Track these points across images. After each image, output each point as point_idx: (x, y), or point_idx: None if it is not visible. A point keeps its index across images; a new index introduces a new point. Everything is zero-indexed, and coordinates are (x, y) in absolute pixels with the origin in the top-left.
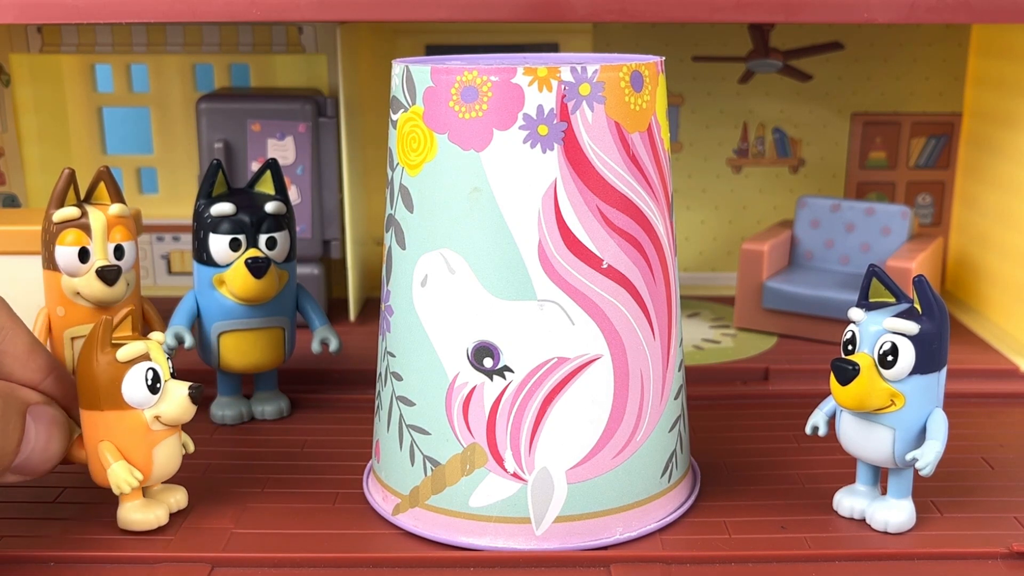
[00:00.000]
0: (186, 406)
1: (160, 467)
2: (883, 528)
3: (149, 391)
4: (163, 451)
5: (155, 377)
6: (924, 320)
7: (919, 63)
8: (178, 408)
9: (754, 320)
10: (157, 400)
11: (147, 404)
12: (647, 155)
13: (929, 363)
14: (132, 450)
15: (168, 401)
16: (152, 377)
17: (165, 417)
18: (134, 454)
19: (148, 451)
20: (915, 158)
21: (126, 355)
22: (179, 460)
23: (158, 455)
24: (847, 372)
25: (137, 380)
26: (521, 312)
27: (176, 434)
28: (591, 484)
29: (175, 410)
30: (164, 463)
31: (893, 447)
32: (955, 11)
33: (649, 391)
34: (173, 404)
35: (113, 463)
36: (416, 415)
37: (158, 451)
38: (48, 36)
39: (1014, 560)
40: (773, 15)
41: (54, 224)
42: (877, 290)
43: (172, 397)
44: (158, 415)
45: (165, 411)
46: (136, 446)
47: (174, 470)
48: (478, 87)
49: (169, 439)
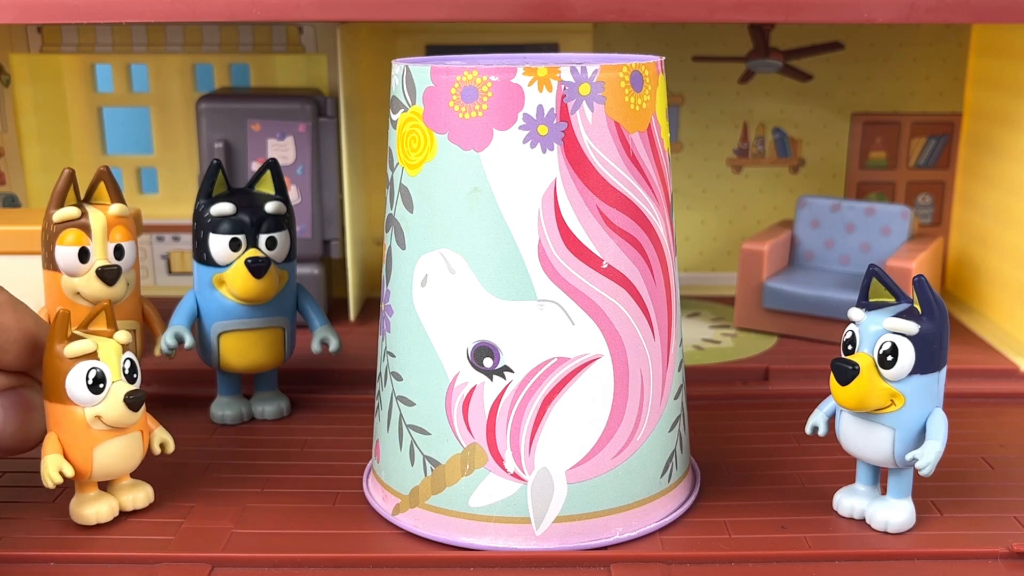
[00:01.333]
0: (123, 411)
1: (102, 467)
2: (883, 528)
3: (90, 390)
4: (107, 451)
5: (98, 377)
6: (924, 320)
7: (919, 63)
8: (116, 412)
9: (754, 320)
10: (100, 400)
11: (89, 403)
12: (647, 155)
13: (929, 363)
14: (72, 446)
15: (109, 403)
16: (95, 377)
17: (106, 418)
18: (73, 450)
19: (88, 449)
20: (915, 158)
21: (72, 351)
22: (132, 461)
23: (100, 455)
24: (847, 372)
25: (79, 378)
26: (521, 312)
27: (131, 435)
28: (591, 484)
29: (113, 413)
30: (107, 463)
31: (893, 447)
32: (955, 11)
33: (649, 391)
34: (112, 407)
35: (46, 455)
36: (416, 415)
37: (100, 451)
38: (48, 36)
39: (1014, 560)
40: (773, 15)
41: (54, 224)
42: (877, 290)
43: (114, 400)
44: (99, 415)
45: (105, 413)
46: (76, 443)
47: (125, 470)
48: (478, 87)
49: (116, 440)
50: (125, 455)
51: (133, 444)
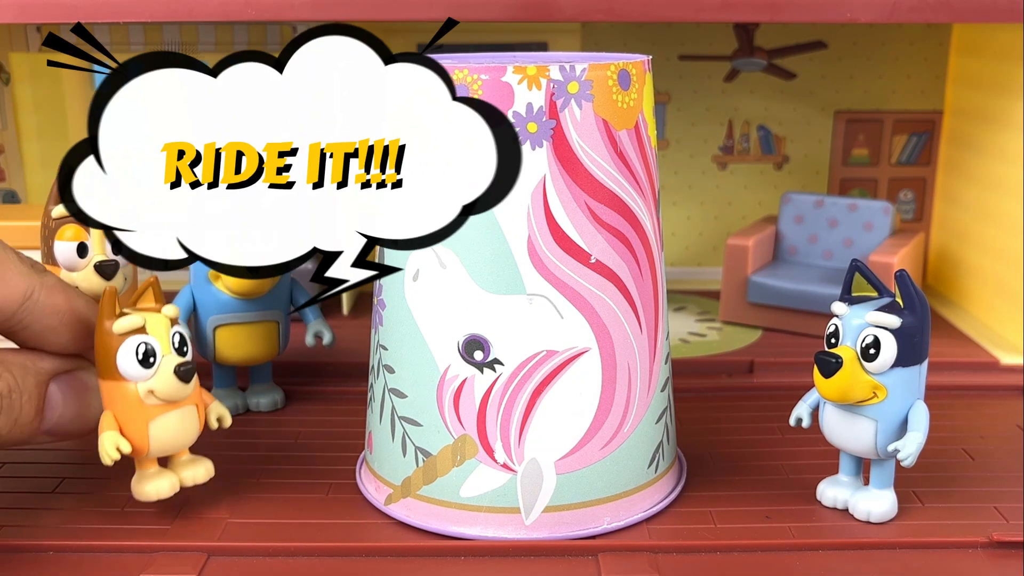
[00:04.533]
0: (174, 384)
1: (159, 441)
2: (865, 517)
3: (141, 365)
4: (163, 425)
5: (148, 351)
6: (906, 314)
7: (901, 62)
8: (168, 385)
9: (739, 314)
10: (151, 375)
11: (140, 378)
12: (634, 152)
13: (911, 356)
14: (128, 422)
15: (160, 377)
16: (145, 351)
17: (158, 392)
18: (130, 427)
19: (144, 424)
20: (897, 155)
21: (120, 327)
22: (188, 435)
23: (155, 429)
24: (830, 365)
25: (129, 354)
26: (511, 306)
27: (186, 408)
28: (579, 475)
29: (165, 387)
30: (164, 438)
31: (875, 438)
32: (936, 11)
33: (636, 383)
34: (164, 381)
35: (102, 432)
36: (408, 407)
37: (155, 425)
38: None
39: (994, 549)
40: (758, 15)
41: (53, 220)
42: (860, 285)
43: (164, 373)
44: (151, 389)
45: (157, 387)
46: (132, 419)
47: (182, 445)
48: (468, 85)
49: (171, 414)
50: (181, 429)
51: (189, 418)
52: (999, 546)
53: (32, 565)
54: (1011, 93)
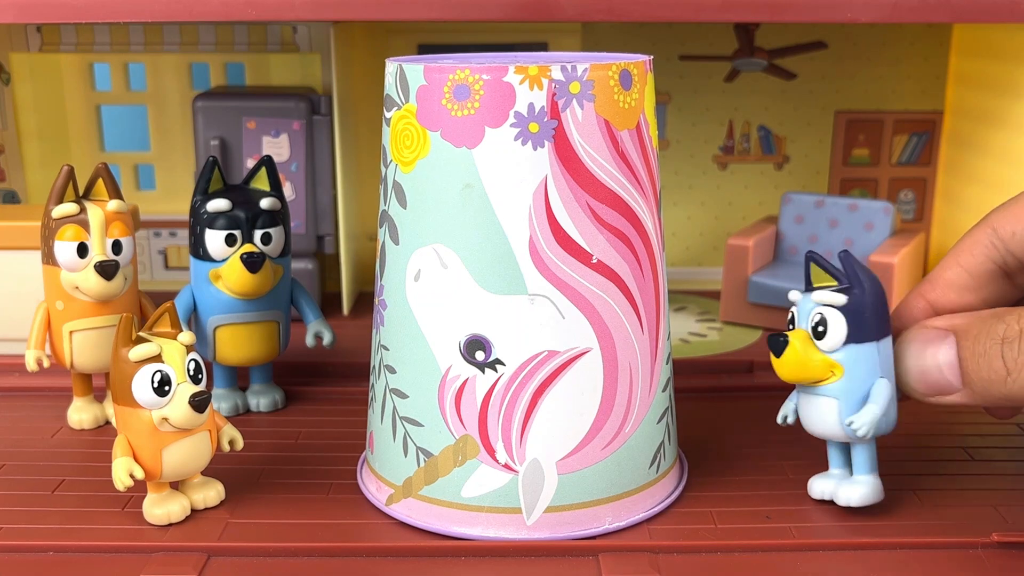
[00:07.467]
0: (188, 413)
1: (171, 467)
2: (846, 503)
3: (156, 393)
4: (176, 452)
5: (163, 380)
6: (853, 292)
7: (901, 62)
8: (182, 414)
9: (739, 314)
10: (166, 402)
11: (155, 406)
12: (636, 152)
13: (863, 332)
14: (141, 448)
15: (175, 405)
16: (160, 380)
17: (172, 420)
18: (143, 452)
19: (157, 451)
20: (897, 155)
21: (137, 355)
22: (201, 460)
23: (169, 455)
24: (779, 343)
25: (144, 382)
26: (512, 306)
27: (200, 434)
28: (581, 475)
29: (179, 415)
30: (176, 463)
31: (839, 417)
32: (936, 11)
33: (637, 383)
34: (178, 409)
35: (116, 458)
36: (409, 407)
37: (169, 451)
38: (47, 35)
39: (996, 550)
40: (758, 15)
41: (53, 220)
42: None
43: (179, 402)
44: (166, 417)
45: (171, 415)
46: (145, 445)
47: (194, 470)
48: (470, 85)
49: (184, 440)
50: (194, 455)
51: (202, 443)
52: (999, 546)
53: (32, 565)
54: (1012, 93)
